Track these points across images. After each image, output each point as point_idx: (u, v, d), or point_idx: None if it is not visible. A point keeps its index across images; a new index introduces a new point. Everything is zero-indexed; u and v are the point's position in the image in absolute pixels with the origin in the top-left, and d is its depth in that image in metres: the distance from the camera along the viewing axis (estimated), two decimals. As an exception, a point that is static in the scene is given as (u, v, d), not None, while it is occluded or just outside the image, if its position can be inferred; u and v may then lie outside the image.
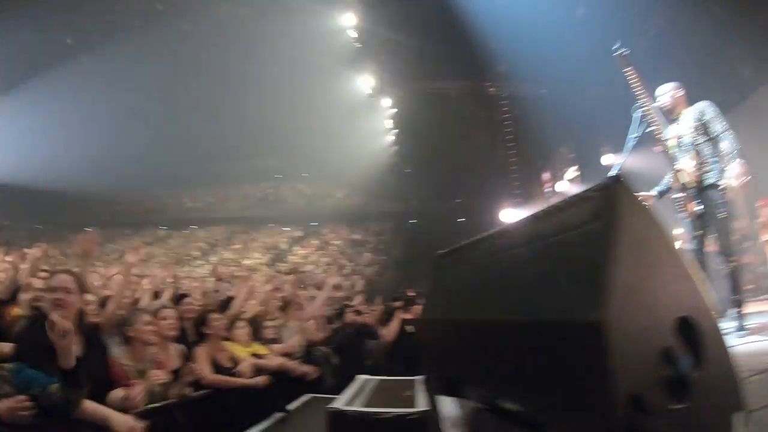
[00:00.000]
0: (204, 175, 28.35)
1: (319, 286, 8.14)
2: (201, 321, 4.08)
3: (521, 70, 15.25)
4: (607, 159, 14.52)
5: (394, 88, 17.29)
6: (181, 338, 3.90)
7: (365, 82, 17.89)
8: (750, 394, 2.03)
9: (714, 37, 13.61)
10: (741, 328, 4.17)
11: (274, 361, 4.51)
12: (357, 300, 7.98)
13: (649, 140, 4.67)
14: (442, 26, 14.15)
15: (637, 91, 4.48)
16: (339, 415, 2.40)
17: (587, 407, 1.20)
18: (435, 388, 2.26)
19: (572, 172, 15.21)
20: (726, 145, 4.36)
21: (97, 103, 22.76)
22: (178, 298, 4.84)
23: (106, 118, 23.29)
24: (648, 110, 4.47)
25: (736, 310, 4.30)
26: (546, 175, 15.75)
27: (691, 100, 4.69)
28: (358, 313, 6.97)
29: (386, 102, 18.51)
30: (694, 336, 1.26)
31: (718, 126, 4.45)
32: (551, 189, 15.45)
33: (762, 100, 13.83)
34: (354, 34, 16.55)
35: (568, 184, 14.92)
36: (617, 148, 14.12)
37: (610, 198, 1.23)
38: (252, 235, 26.57)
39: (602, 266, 1.14)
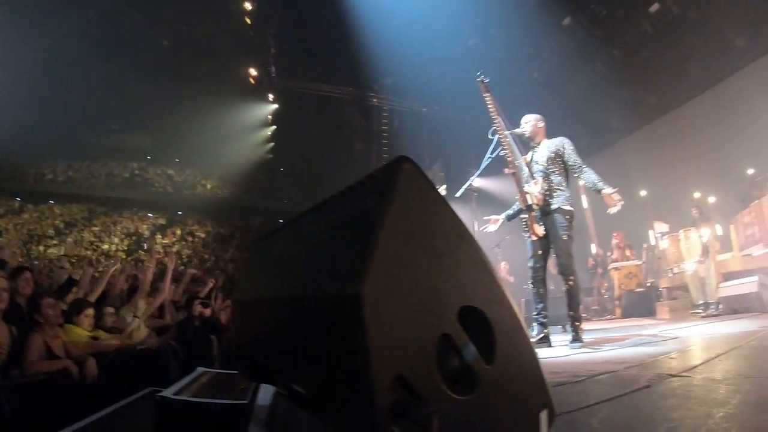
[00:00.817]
0: (69, 145, 24.94)
1: (176, 278, 7.79)
2: (34, 304, 3.74)
3: (406, 86, 15.64)
4: (476, 182, 15.18)
5: (278, 83, 16.81)
6: (16, 318, 3.55)
7: (251, 72, 17.14)
8: (570, 397, 2.14)
9: (592, 87, 14.82)
10: (576, 340, 4.43)
11: (113, 341, 4.34)
12: (204, 292, 7.59)
13: (502, 162, 4.88)
14: (335, 31, 14.06)
15: (493, 116, 4.68)
16: (164, 403, 2.26)
17: (352, 389, 1.11)
18: (248, 375, 2.17)
19: (441, 190, 15.71)
20: (590, 175, 4.68)
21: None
22: (15, 272, 4.33)
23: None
24: (503, 134, 4.67)
25: (574, 324, 4.57)
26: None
27: (555, 135, 5.03)
28: (206, 305, 6.63)
29: (269, 97, 17.91)
30: (483, 328, 1.21)
31: (576, 160, 4.76)
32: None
33: (625, 148, 15.41)
34: (249, 21, 15.93)
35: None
36: (484, 174, 15.01)
37: (392, 175, 1.15)
38: (113, 217, 24.45)
39: (369, 240, 1.05)
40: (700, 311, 7.21)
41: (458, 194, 5.20)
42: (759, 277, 6.02)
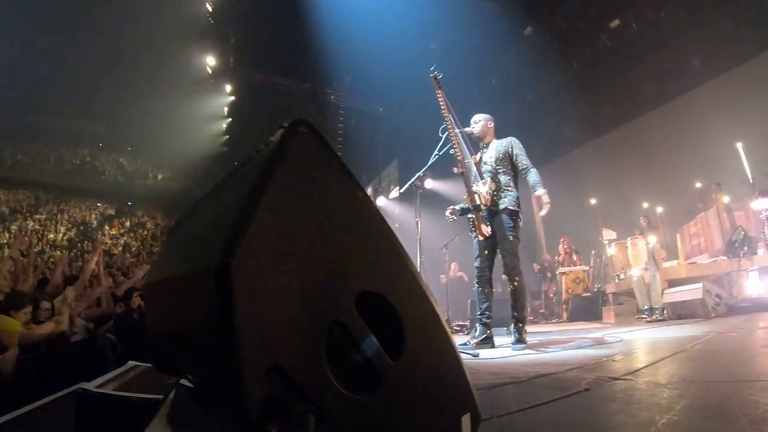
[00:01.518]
0: (18, 128, 23.28)
1: (124, 272, 7.50)
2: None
3: (364, 86, 15.44)
4: (428, 183, 15.14)
5: (236, 74, 16.30)
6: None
7: (209, 61, 16.49)
8: (507, 400, 1.98)
9: (548, 96, 14.97)
10: (519, 342, 4.31)
11: (38, 330, 4.13)
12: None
13: (452, 161, 4.74)
14: (297, 24, 13.71)
15: (444, 113, 4.56)
16: (85, 396, 2.18)
17: (225, 380, 0.91)
18: (156, 366, 1.96)
19: (395, 191, 15.61)
20: (533, 176, 4.62)
21: None
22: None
23: None
24: (452, 132, 4.55)
25: (517, 325, 4.45)
26: (368, 191, 15.97)
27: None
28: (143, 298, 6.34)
29: (226, 88, 17.33)
30: (388, 318, 1.04)
31: (524, 161, 4.68)
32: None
33: (578, 157, 15.67)
34: (209, 8, 15.35)
35: (384, 201, 15.31)
36: (437, 175, 15.05)
37: (285, 138, 1.00)
38: (61, 205, 23.28)
39: (248, 206, 0.88)
40: (645, 316, 7.26)
41: (402, 190, 5.07)
42: (704, 284, 6.05)
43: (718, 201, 10.08)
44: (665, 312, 6.84)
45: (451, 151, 4.63)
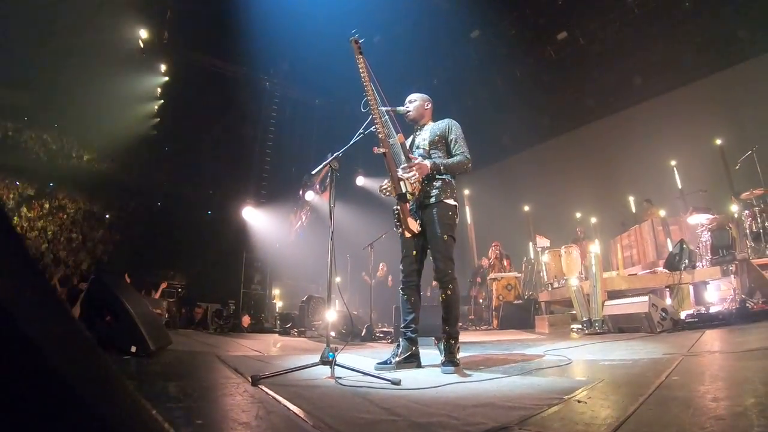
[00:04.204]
0: None
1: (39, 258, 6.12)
2: None
3: (302, 75, 14.45)
4: (359, 181, 14.29)
5: (170, 53, 14.72)
6: None
7: (141, 34, 14.70)
8: None
9: (489, 101, 14.53)
10: (450, 363, 3.30)
11: None
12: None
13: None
14: (237, 4, 12.41)
15: (365, 84, 3.52)
16: None
17: None
18: None
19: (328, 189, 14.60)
20: (456, 160, 3.66)
21: None
22: None
23: None
24: (374, 105, 3.50)
25: (449, 342, 3.46)
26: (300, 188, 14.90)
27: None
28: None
29: (160, 68, 15.61)
30: None
31: (461, 147, 3.69)
32: (301, 197, 14.65)
33: (515, 163, 15.40)
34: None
35: (313, 195, 14.31)
36: (369, 173, 14.25)
37: None
38: (-24, 182, 20.67)
39: None
40: (583, 327, 6.51)
41: (314, 172, 3.90)
42: (650, 297, 5.33)
43: (653, 214, 9.78)
44: (605, 324, 6.10)
45: (372, 128, 3.55)
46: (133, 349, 3.99)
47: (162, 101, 17.44)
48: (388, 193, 3.65)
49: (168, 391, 2.49)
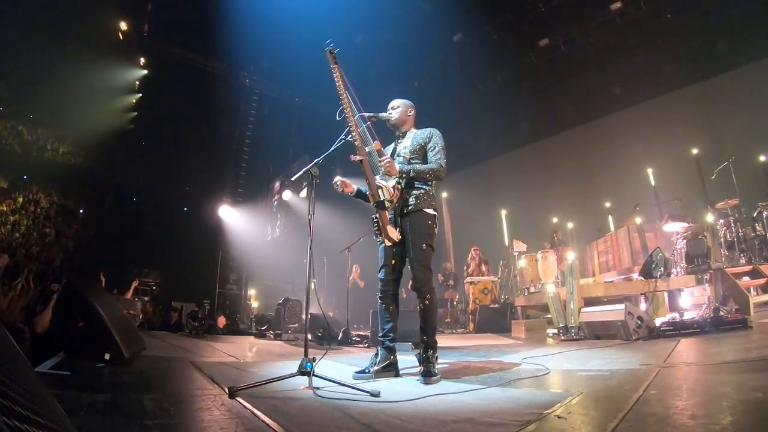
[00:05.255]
0: None
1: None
2: None
3: (282, 73, 14.21)
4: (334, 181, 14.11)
5: (150, 46, 14.34)
6: None
7: (121, 26, 14.28)
8: None
9: (469, 105, 14.47)
10: (428, 373, 3.15)
11: None
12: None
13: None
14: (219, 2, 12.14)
15: (340, 92, 3.39)
16: None
17: None
18: None
19: (305, 190, 14.41)
20: (433, 165, 3.53)
21: None
22: None
23: None
24: (349, 114, 3.36)
25: (427, 352, 3.31)
26: (275, 185, 14.68)
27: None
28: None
29: (139, 61, 15.18)
30: None
31: (438, 156, 3.56)
32: (277, 196, 14.43)
33: (492, 167, 15.33)
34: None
35: (290, 195, 14.10)
36: (347, 173, 13.96)
37: None
38: (-55, 175, 19.94)
39: None
40: (559, 333, 6.44)
41: (294, 178, 3.75)
42: (626, 305, 5.26)
43: (630, 221, 9.78)
44: (581, 331, 6.03)
45: (349, 137, 3.41)
46: (107, 356, 3.80)
47: (140, 95, 16.97)
48: (340, 190, 3.56)
49: (143, 405, 2.37)
